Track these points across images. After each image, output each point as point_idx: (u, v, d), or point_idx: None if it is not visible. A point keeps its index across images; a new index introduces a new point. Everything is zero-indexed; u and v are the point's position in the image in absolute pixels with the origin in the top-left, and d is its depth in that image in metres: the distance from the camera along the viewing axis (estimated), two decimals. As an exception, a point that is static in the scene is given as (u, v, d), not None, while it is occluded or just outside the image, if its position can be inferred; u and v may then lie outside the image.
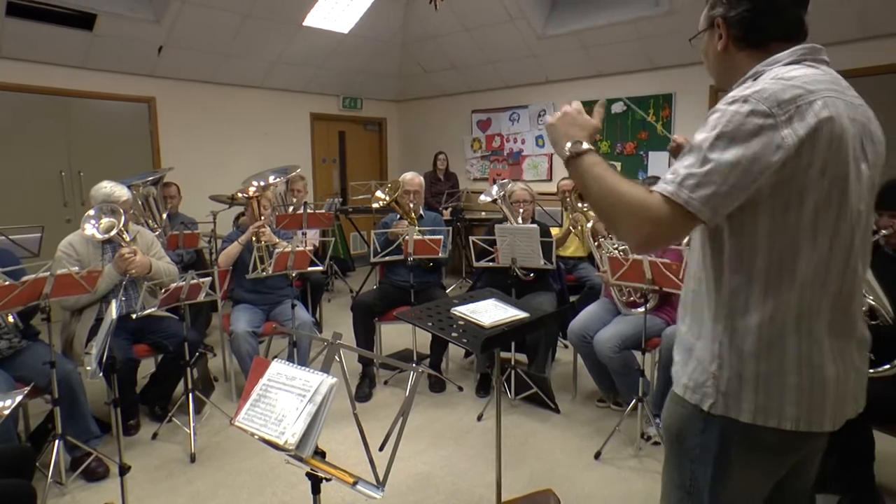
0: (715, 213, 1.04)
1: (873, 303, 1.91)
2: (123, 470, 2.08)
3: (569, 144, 1.18)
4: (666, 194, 1.06)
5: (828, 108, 1.03)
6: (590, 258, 4.72)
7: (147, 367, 3.44)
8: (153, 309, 2.85)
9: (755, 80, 1.11)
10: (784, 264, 1.08)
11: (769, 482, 1.23)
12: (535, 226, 3.54)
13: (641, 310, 2.91)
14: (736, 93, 1.07)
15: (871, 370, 2.13)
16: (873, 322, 1.86)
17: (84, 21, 4.99)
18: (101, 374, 1.98)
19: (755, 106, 1.02)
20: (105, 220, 2.97)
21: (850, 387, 1.15)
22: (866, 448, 2.21)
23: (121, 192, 3.14)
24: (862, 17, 4.55)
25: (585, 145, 1.17)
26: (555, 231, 4.58)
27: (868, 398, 1.21)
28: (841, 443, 1.54)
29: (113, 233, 2.95)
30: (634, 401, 2.90)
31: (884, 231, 2.23)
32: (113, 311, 2.08)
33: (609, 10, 5.72)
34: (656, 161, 6.14)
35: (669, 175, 1.07)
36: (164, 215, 4.39)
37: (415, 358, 3.81)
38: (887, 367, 2.11)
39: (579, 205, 4.17)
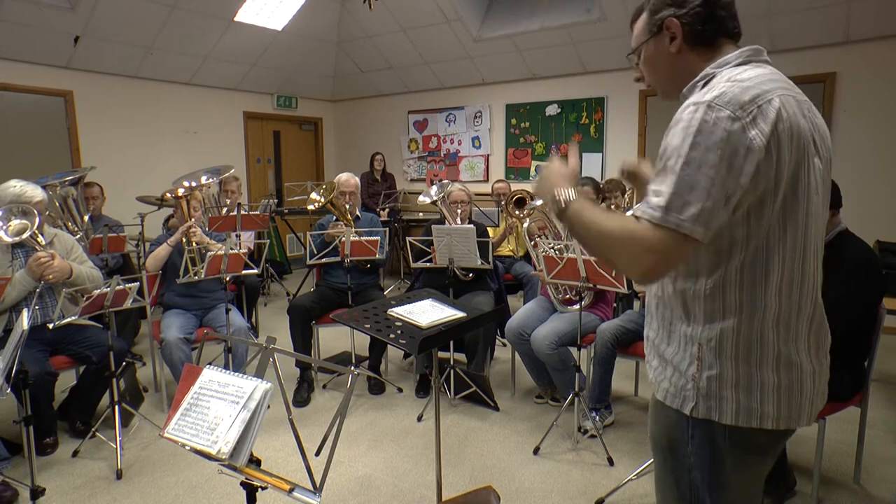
0: (707, 230, 1.01)
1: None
2: (36, 493, 1.95)
3: (556, 204, 1.16)
4: (655, 221, 1.01)
5: (784, 106, 1.03)
6: (525, 257, 4.82)
7: (68, 381, 3.23)
8: (74, 318, 2.68)
9: (706, 83, 1.11)
10: (757, 263, 1.07)
11: (762, 480, 1.23)
12: (471, 226, 3.58)
13: (577, 307, 3.00)
14: (695, 98, 1.05)
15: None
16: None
17: (-20, 4, 4.60)
18: (9, 391, 1.85)
19: (720, 112, 1.00)
20: (15, 223, 2.77)
21: (823, 380, 1.17)
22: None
23: (34, 192, 2.93)
24: (770, 34, 4.89)
25: (570, 195, 1.15)
26: (492, 231, 4.65)
27: None
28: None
29: (25, 235, 2.75)
30: (571, 396, 2.98)
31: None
32: (24, 320, 1.93)
33: (542, 15, 5.86)
34: (590, 162, 6.34)
35: (653, 198, 1.02)
36: (86, 217, 4.16)
37: (353, 360, 3.77)
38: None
39: (516, 212, 4.25)
